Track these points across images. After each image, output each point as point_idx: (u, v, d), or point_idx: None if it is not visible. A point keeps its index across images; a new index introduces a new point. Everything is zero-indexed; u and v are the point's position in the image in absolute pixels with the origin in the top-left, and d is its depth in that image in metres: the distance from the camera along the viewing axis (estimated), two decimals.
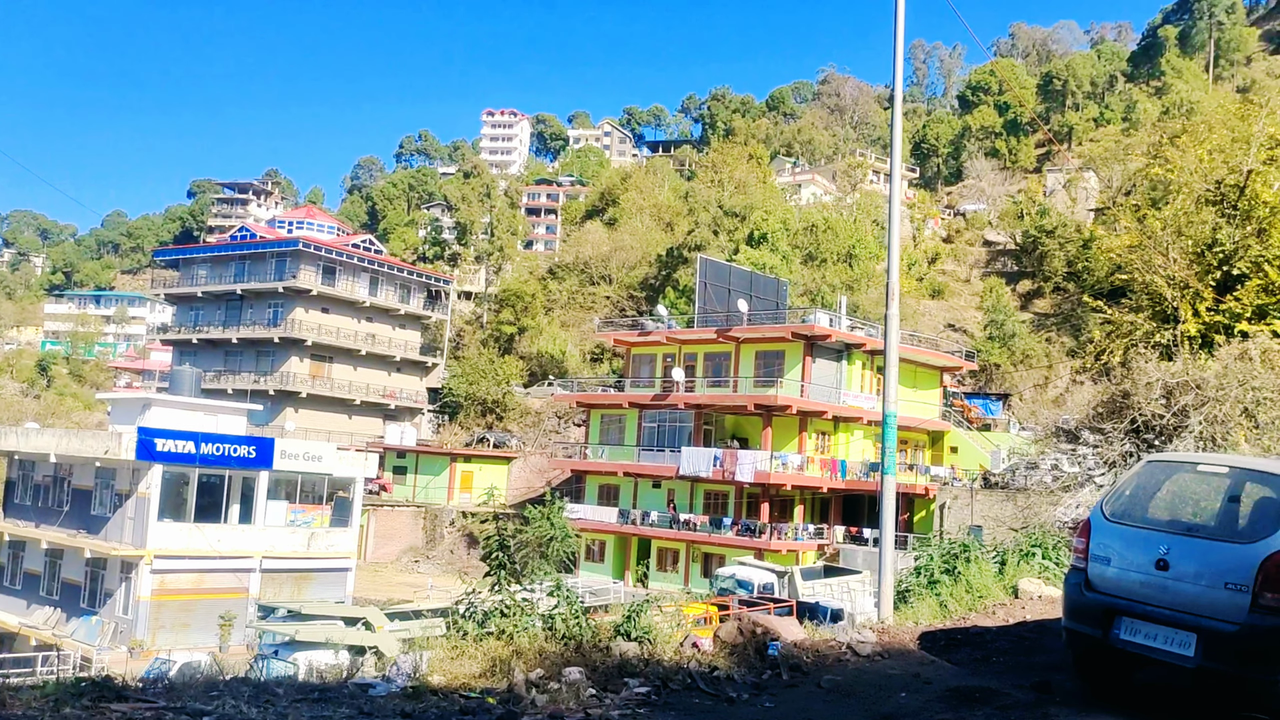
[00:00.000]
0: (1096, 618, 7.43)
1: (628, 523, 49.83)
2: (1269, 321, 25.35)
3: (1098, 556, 7.62)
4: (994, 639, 9.60)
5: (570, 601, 9.31)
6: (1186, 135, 33.33)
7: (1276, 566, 6.55)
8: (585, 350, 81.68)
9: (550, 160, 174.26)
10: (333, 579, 40.81)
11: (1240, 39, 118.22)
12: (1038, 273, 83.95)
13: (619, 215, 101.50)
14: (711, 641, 9.44)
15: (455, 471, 63.81)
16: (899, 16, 12.38)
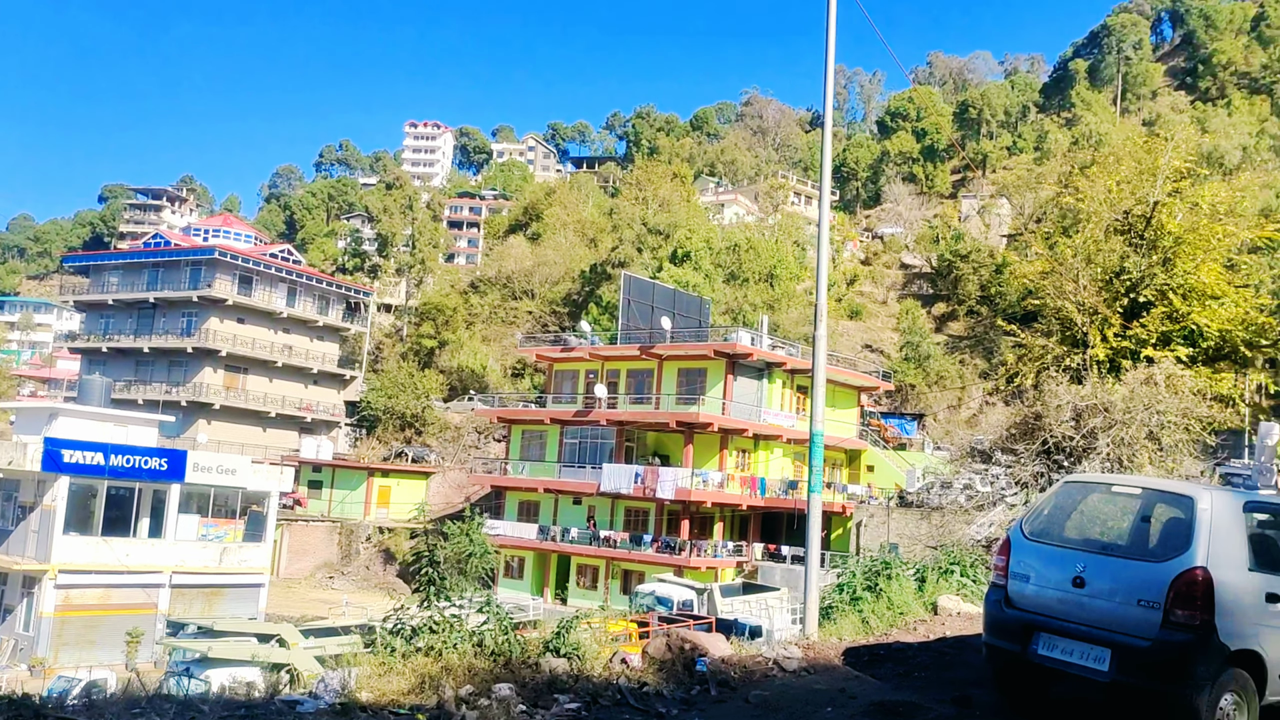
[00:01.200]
0: (1016, 633, 7.66)
1: (547, 539, 49.65)
2: (1173, 348, 26.32)
3: (1017, 574, 7.87)
4: (915, 654, 9.82)
5: (500, 618, 9.30)
6: (1096, 166, 34.38)
7: (1186, 584, 6.83)
8: (507, 365, 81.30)
9: (473, 173, 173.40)
10: (245, 595, 39.99)
11: (1146, 74, 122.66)
12: (952, 296, 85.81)
13: (543, 230, 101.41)
14: (640, 657, 9.51)
15: (373, 486, 62.98)
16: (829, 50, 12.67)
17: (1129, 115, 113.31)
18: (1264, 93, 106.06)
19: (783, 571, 44.98)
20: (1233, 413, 27.22)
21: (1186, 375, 23.96)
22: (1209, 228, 28.18)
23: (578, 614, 10.05)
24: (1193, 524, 7.09)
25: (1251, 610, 6.97)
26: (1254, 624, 6.96)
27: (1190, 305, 27.13)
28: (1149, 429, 22.37)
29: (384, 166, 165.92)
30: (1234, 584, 6.92)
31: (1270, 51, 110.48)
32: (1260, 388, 33.48)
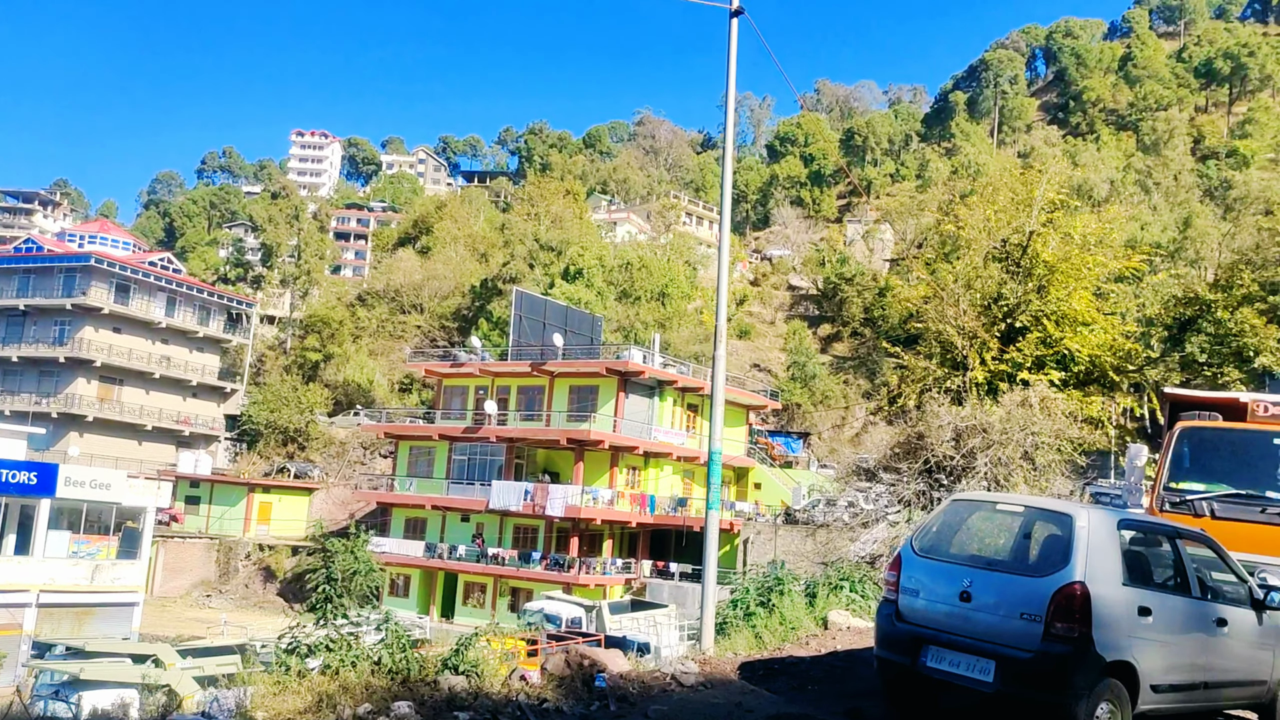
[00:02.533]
0: (906, 646, 7.93)
1: (435, 557, 49.03)
2: (1047, 372, 27.43)
3: (908, 589, 8.15)
4: (808, 668, 10.07)
5: (398, 635, 9.23)
6: (975, 195, 35.66)
7: (1066, 598, 7.18)
8: (394, 380, 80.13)
9: (362, 185, 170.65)
10: (118, 614, 38.43)
11: (1021, 108, 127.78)
12: (837, 317, 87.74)
13: (433, 244, 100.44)
14: (539, 674, 9.53)
15: (253, 502, 61.29)
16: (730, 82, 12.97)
17: (1005, 147, 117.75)
18: (1130, 129, 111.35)
19: (671, 588, 45.25)
20: (1101, 434, 28.48)
21: (1059, 398, 24.98)
22: (1080, 257, 29.48)
23: (477, 631, 10.02)
24: (1071, 541, 7.45)
25: (1125, 623, 7.36)
26: (1127, 636, 7.34)
27: (1063, 331, 28.32)
28: (1024, 449, 23.26)
29: (269, 175, 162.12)
30: (1109, 598, 7.29)
31: (1136, 90, 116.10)
32: (1127, 411, 35.05)
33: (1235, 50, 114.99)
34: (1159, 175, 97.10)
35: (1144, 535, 8.27)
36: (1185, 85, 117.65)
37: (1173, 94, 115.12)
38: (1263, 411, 11.59)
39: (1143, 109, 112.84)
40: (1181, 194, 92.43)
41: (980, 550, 8.38)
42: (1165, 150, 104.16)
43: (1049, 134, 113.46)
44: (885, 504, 26.80)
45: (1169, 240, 75.85)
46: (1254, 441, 11.37)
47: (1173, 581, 8.11)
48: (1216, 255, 71.05)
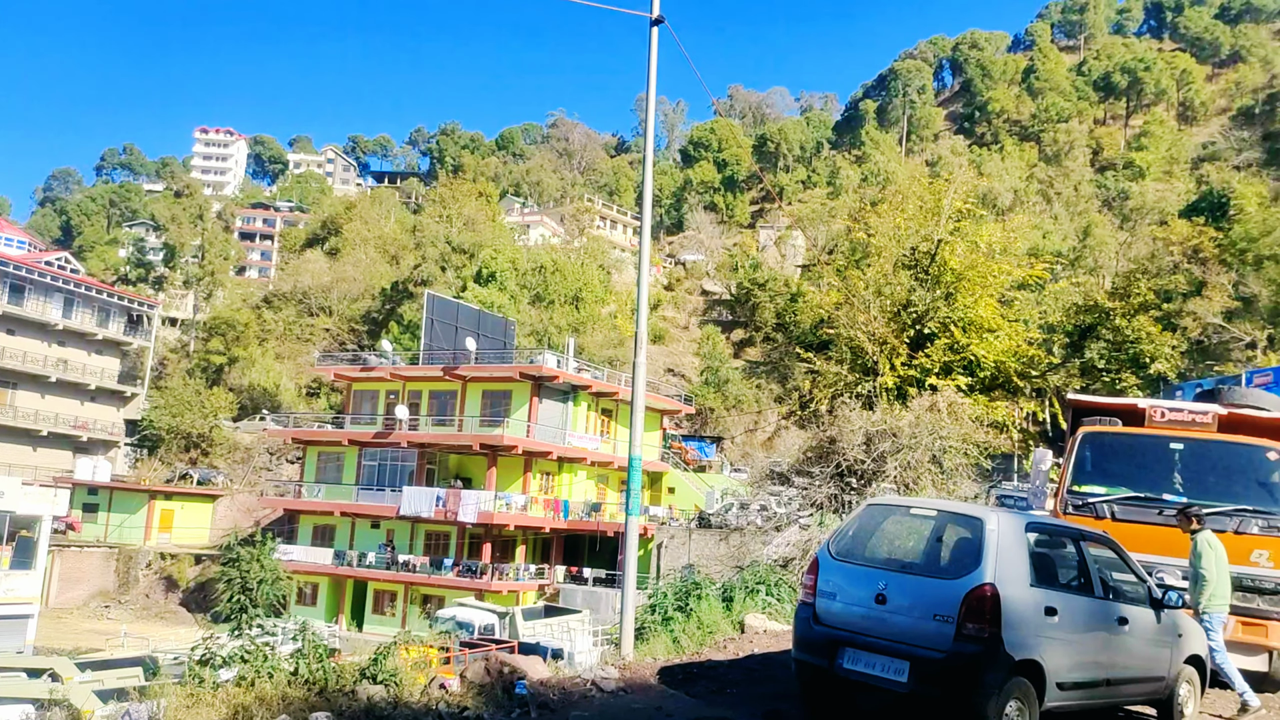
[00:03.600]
0: (823, 649, 8.07)
1: (344, 564, 48.19)
2: (954, 377, 28.10)
3: (825, 592, 8.30)
4: (727, 671, 10.18)
5: (315, 645, 9.09)
6: (885, 203, 36.35)
7: (977, 599, 7.38)
8: (302, 384, 78.60)
9: (268, 184, 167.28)
10: (11, 627, 37.04)
11: (929, 118, 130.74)
12: (750, 322, 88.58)
13: (342, 245, 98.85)
14: (459, 682, 9.48)
15: (154, 510, 59.58)
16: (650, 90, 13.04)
17: (914, 155, 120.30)
18: (1033, 140, 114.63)
19: (585, 593, 45.23)
20: (1005, 438, 29.25)
21: (966, 403, 25.62)
22: (986, 265, 30.26)
23: (395, 639, 9.92)
24: (982, 544, 7.66)
25: (1033, 623, 7.58)
26: (1035, 635, 7.57)
27: (969, 337, 29.03)
28: (932, 453, 23.76)
29: (172, 173, 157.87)
30: (1018, 599, 7.51)
31: (1039, 102, 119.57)
32: (1030, 415, 36.05)
33: (1132, 65, 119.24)
34: (1060, 185, 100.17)
35: (1050, 537, 8.53)
36: (1085, 98, 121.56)
37: (1073, 106, 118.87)
38: (1159, 417, 12.04)
39: (1044, 120, 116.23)
40: (1081, 204, 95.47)
41: (895, 553, 8.57)
42: (1066, 161, 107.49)
43: (956, 143, 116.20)
44: (797, 507, 27.16)
45: (1069, 249, 78.28)
46: (1151, 446, 11.81)
47: (1077, 582, 8.38)
48: (1114, 264, 73.56)
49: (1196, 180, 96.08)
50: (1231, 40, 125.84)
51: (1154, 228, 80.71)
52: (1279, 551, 10.65)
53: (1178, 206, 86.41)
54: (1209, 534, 10.06)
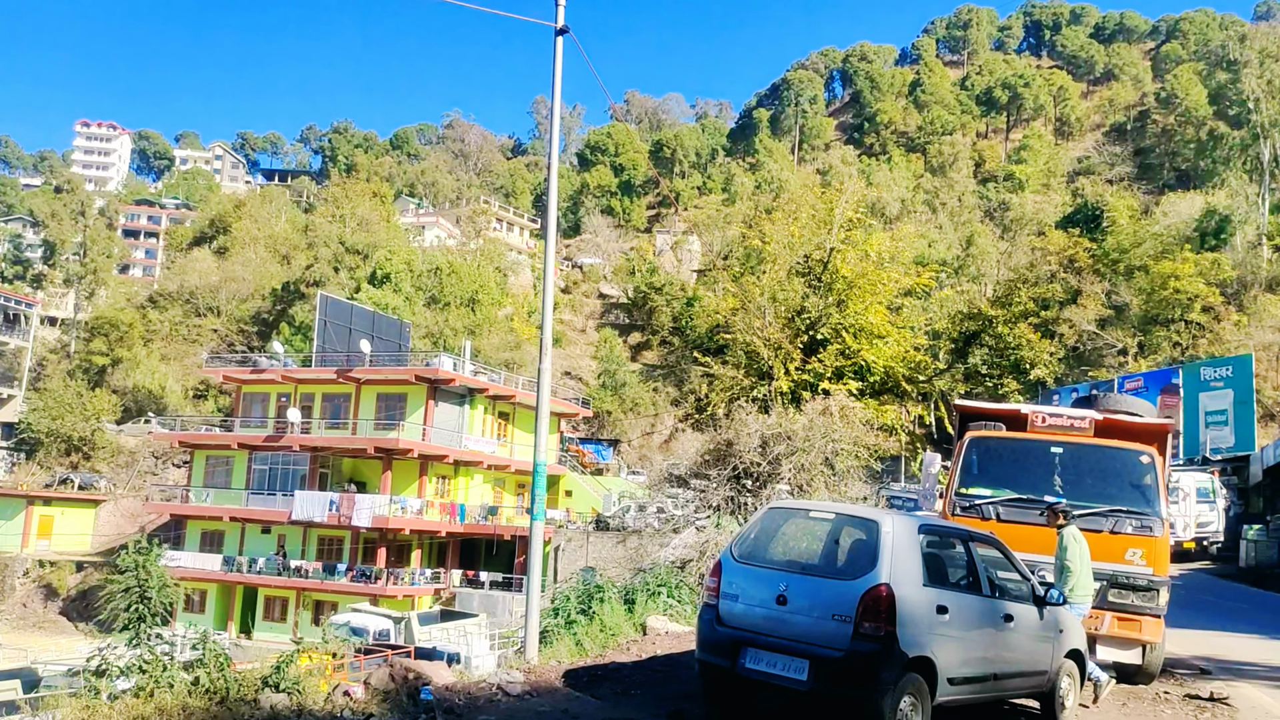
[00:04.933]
0: (726, 649, 8.29)
1: (233, 570, 47.08)
2: (846, 381, 28.79)
3: (728, 594, 8.52)
4: (631, 673, 10.35)
5: (216, 653, 8.98)
6: (778, 211, 37.03)
7: (873, 599, 7.69)
8: (189, 386, 76.41)
9: (154, 180, 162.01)
10: None
11: (820, 127, 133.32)
12: (647, 326, 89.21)
13: (231, 244, 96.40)
14: (363, 689, 9.45)
15: (32, 516, 57.25)
16: (555, 96, 13.16)
17: (806, 164, 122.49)
18: (919, 151, 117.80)
19: (481, 597, 45.07)
20: (894, 441, 30.09)
21: (857, 406, 26.24)
22: (876, 273, 31.08)
23: (299, 646, 9.84)
24: (878, 545, 7.98)
25: (925, 621, 7.93)
26: (927, 633, 7.91)
27: (860, 343, 29.78)
28: (825, 455, 24.31)
29: (51, 167, 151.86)
30: (912, 598, 7.84)
31: (925, 115, 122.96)
32: (917, 419, 37.12)
33: (1012, 81, 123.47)
34: (945, 196, 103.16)
35: (940, 539, 8.90)
36: (968, 112, 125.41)
37: (957, 119, 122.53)
38: (1041, 422, 12.62)
39: (930, 133, 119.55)
40: (965, 214, 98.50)
41: (795, 556, 8.84)
42: (951, 172, 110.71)
43: (846, 153, 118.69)
44: (694, 510, 27.53)
45: (954, 258, 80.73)
46: (1033, 450, 12.38)
47: (966, 581, 8.76)
48: (996, 272, 76.08)
49: (1072, 193, 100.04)
50: (1105, 59, 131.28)
51: (1033, 238, 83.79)
52: (1151, 550, 11.28)
53: (1055, 218, 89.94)
54: (1074, 529, 10.66)
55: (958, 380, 36.51)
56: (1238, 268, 67.44)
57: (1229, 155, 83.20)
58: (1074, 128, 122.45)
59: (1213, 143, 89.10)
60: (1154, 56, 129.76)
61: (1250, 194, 74.83)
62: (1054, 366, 43.00)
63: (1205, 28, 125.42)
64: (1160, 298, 64.90)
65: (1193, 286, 63.47)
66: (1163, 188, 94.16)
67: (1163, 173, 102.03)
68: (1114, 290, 71.17)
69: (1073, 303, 70.21)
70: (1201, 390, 49.75)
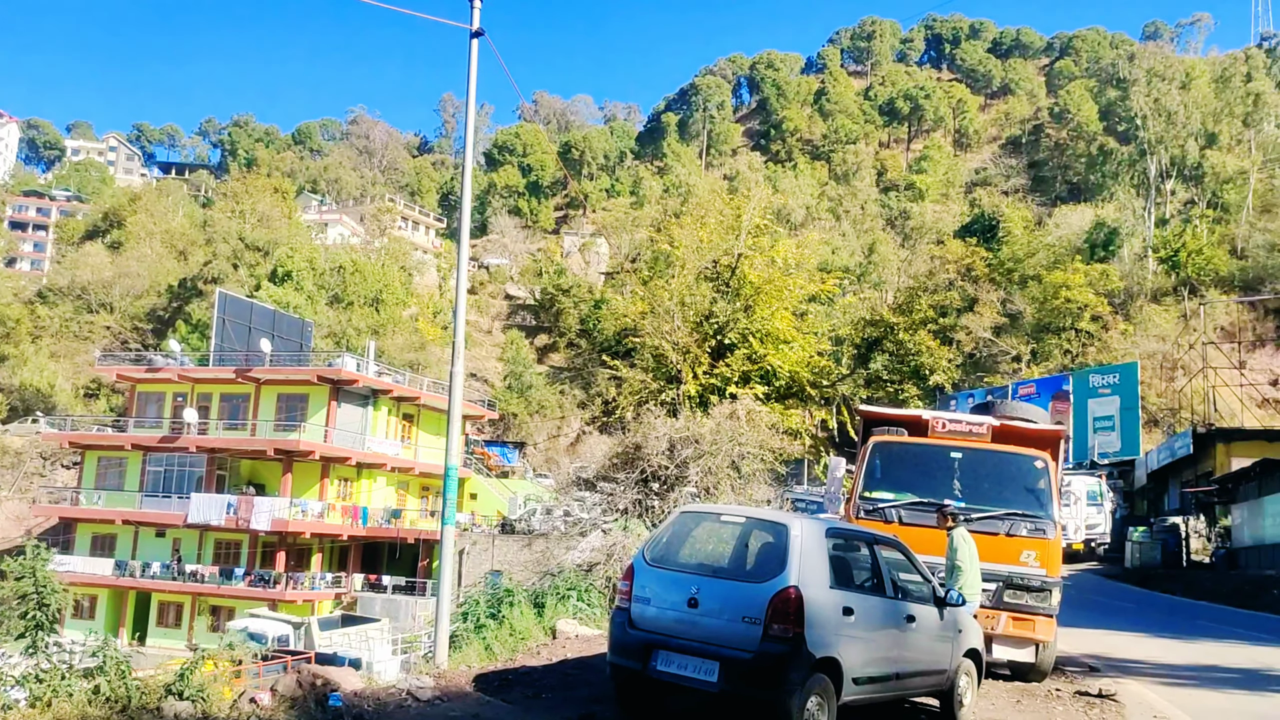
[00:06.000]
0: (637, 652, 8.36)
1: (125, 575, 45.65)
2: (752, 386, 29.19)
3: (640, 597, 8.60)
4: (541, 677, 10.38)
5: (117, 661, 8.77)
6: (686, 215, 37.35)
7: (782, 601, 7.84)
8: (80, 385, 73.91)
9: (43, 171, 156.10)
10: None
11: (727, 133, 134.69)
12: (554, 328, 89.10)
13: (125, 238, 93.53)
14: (270, 696, 9.31)
15: None
16: (470, 99, 13.12)
17: (713, 169, 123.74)
18: (824, 159, 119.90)
19: (384, 602, 44.47)
20: (798, 444, 30.60)
21: (763, 410, 26.64)
22: (782, 279, 31.57)
23: (203, 653, 9.65)
24: (787, 549, 8.14)
25: (832, 622, 8.12)
26: (834, 634, 8.10)
27: (767, 348, 30.23)
28: (732, 459, 24.64)
29: None
30: (819, 600, 8.02)
31: (829, 123, 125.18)
32: (820, 422, 37.82)
33: (914, 93, 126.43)
34: (848, 204, 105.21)
35: (847, 542, 9.12)
36: (871, 121, 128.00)
37: (860, 129, 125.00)
38: (941, 428, 13.00)
39: (834, 141, 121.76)
40: (867, 222, 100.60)
41: (706, 559, 8.96)
42: (854, 181, 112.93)
43: (752, 159, 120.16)
44: (600, 512, 27.59)
45: (856, 265, 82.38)
46: (934, 455, 12.75)
47: (870, 583, 8.99)
48: (897, 280, 77.82)
49: (970, 203, 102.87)
50: (1002, 74, 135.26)
51: (932, 246, 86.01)
52: (1045, 552, 11.72)
53: (953, 227, 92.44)
54: (963, 530, 11.05)
55: (860, 385, 37.28)
56: (1125, 279, 70.13)
57: (1118, 170, 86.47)
58: (972, 140, 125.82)
59: (1103, 157, 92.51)
60: (1048, 72, 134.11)
61: (1137, 208, 77.86)
62: (952, 373, 44.10)
63: (1097, 46, 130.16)
64: (1052, 307, 67.16)
65: (1082, 296, 65.86)
66: (1055, 200, 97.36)
67: (1056, 185, 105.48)
68: (1009, 299, 73.42)
69: (970, 310, 72.29)
70: (1090, 397, 51.64)
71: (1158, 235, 76.03)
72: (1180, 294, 68.39)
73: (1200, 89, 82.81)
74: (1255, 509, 33.29)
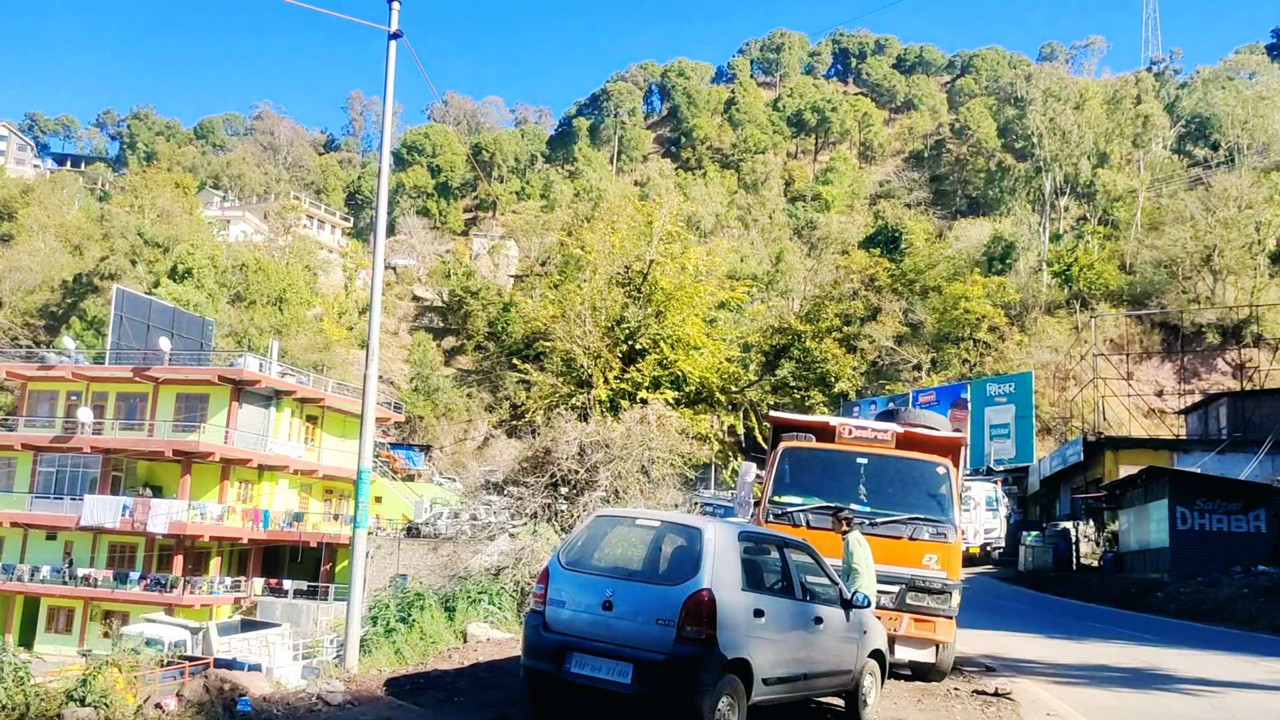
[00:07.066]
0: (552, 654, 8.44)
1: (12, 579, 43.96)
2: (663, 391, 29.43)
3: (554, 600, 8.68)
4: (454, 680, 10.39)
5: (15, 668, 8.56)
6: (598, 220, 37.47)
7: (696, 604, 7.99)
8: None
9: None
10: None
11: (638, 139, 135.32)
12: (462, 330, 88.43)
13: (16, 231, 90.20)
14: (176, 701, 9.18)
15: None
16: (387, 100, 13.07)
17: (624, 175, 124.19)
18: (733, 168, 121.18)
19: (284, 606, 43.69)
20: (707, 449, 30.94)
21: (673, 416, 26.89)
22: (693, 286, 31.91)
23: (108, 658, 9.47)
24: (700, 552, 8.30)
25: (744, 624, 8.29)
26: (745, 636, 8.27)
27: (677, 354, 30.49)
28: (642, 464, 24.84)
29: None
30: (731, 602, 8.20)
31: (739, 133, 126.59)
32: (729, 428, 38.23)
33: (821, 105, 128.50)
34: (757, 213, 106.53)
35: (758, 545, 9.31)
36: (780, 132, 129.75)
37: (769, 139, 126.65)
38: (848, 434, 13.34)
39: (744, 150, 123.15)
40: (775, 231, 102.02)
41: (621, 562, 9.07)
42: (763, 190, 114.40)
43: (663, 166, 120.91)
44: (508, 517, 27.52)
45: (765, 273, 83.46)
46: (841, 460, 13.08)
47: (780, 585, 9.20)
48: (803, 288, 79.10)
49: (874, 215, 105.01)
50: (906, 89, 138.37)
51: (837, 256, 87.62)
52: (946, 556, 12.11)
53: (858, 238, 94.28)
54: (857, 534, 11.39)
55: (767, 391, 37.79)
56: (1020, 291, 72.36)
57: (1015, 186, 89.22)
58: (877, 153, 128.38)
59: (1001, 173, 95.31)
60: (950, 89, 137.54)
61: (1033, 223, 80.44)
62: (856, 380, 45.06)
63: (996, 65, 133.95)
64: (951, 317, 69.00)
65: (980, 308, 67.82)
66: (956, 213, 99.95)
67: (956, 199, 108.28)
68: (910, 309, 75.18)
69: (873, 319, 73.85)
70: (987, 405, 53.19)
71: (1052, 250, 78.59)
72: (1072, 307, 70.83)
73: (1093, 110, 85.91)
74: (1141, 514, 34.68)
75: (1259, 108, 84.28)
